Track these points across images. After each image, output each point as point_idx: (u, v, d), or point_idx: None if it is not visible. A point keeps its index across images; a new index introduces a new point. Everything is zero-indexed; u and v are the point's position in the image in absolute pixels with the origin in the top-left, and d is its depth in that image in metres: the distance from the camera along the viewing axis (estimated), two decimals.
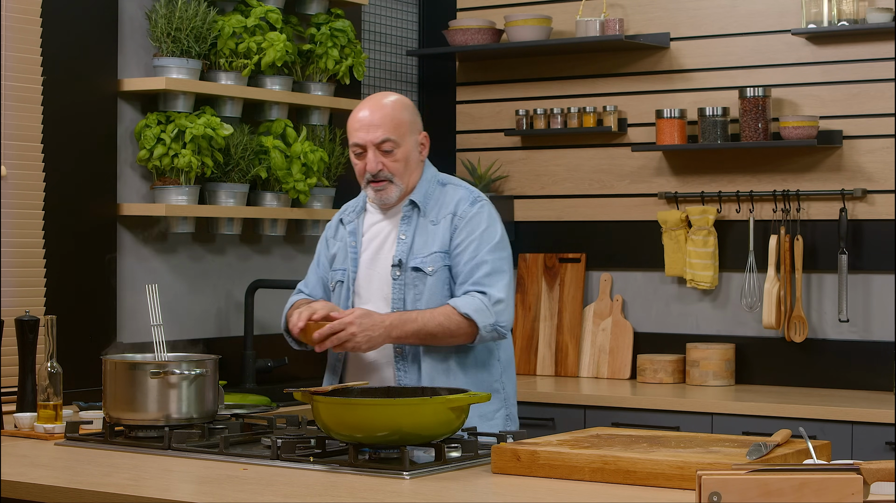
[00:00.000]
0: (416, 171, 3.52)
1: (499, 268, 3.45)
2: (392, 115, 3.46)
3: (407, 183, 3.50)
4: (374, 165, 3.45)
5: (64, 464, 3.03)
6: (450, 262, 3.46)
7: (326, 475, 2.80)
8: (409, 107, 3.53)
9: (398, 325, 3.36)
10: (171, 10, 4.44)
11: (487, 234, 3.46)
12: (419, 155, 3.53)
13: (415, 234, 3.48)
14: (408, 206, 3.51)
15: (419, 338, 3.38)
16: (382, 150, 3.45)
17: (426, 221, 3.49)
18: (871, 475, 2.25)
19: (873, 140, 4.86)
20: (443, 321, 3.37)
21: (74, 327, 4.19)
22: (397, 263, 3.47)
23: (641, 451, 2.70)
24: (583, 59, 5.39)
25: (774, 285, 4.91)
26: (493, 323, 3.40)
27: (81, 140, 4.31)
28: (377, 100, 3.52)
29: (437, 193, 3.53)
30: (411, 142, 3.49)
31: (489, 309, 3.40)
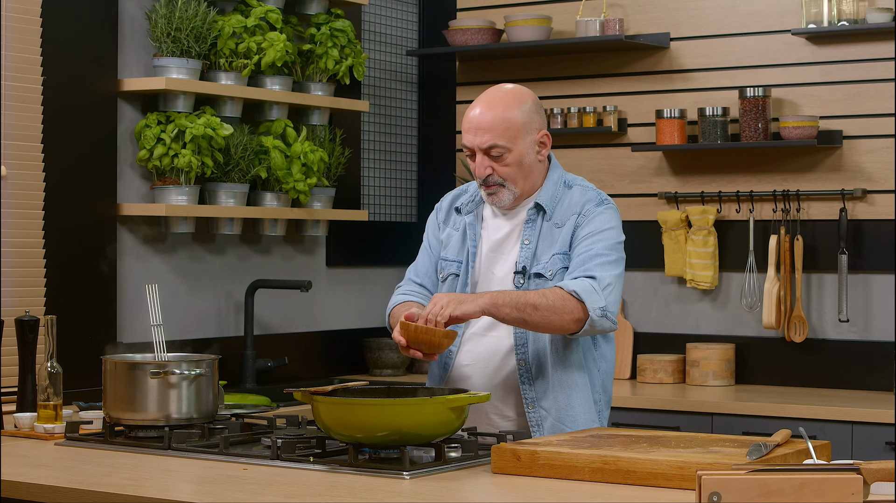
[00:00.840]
0: (535, 173, 3.32)
1: (612, 260, 3.24)
2: (503, 117, 3.25)
3: (522, 186, 3.30)
4: (483, 171, 3.27)
5: (64, 464, 3.03)
6: (568, 264, 3.28)
7: (326, 475, 2.80)
8: (526, 104, 3.29)
9: (492, 294, 3.17)
10: (171, 10, 4.44)
11: (607, 234, 3.27)
12: (536, 156, 3.31)
13: (539, 238, 3.31)
14: (532, 209, 3.33)
15: (517, 308, 3.13)
16: (491, 155, 3.26)
17: (550, 224, 3.32)
18: (871, 475, 2.25)
19: (873, 140, 4.86)
20: (547, 293, 3.15)
21: (74, 327, 4.19)
22: (521, 270, 3.31)
23: (641, 451, 2.70)
24: (583, 59, 5.39)
25: (774, 285, 4.91)
26: (603, 307, 3.17)
27: (81, 140, 4.31)
28: (490, 96, 3.30)
29: (563, 196, 3.35)
30: (525, 144, 3.27)
31: (598, 292, 3.17)
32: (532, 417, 3.30)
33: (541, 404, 3.30)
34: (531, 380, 3.31)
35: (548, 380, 3.31)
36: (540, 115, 3.33)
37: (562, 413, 3.31)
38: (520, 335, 3.31)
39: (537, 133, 3.31)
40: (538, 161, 3.33)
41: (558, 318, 3.15)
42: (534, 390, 3.31)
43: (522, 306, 3.14)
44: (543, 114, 3.36)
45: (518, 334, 3.31)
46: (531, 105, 3.31)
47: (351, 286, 5.37)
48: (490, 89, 3.35)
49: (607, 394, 3.43)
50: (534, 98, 3.34)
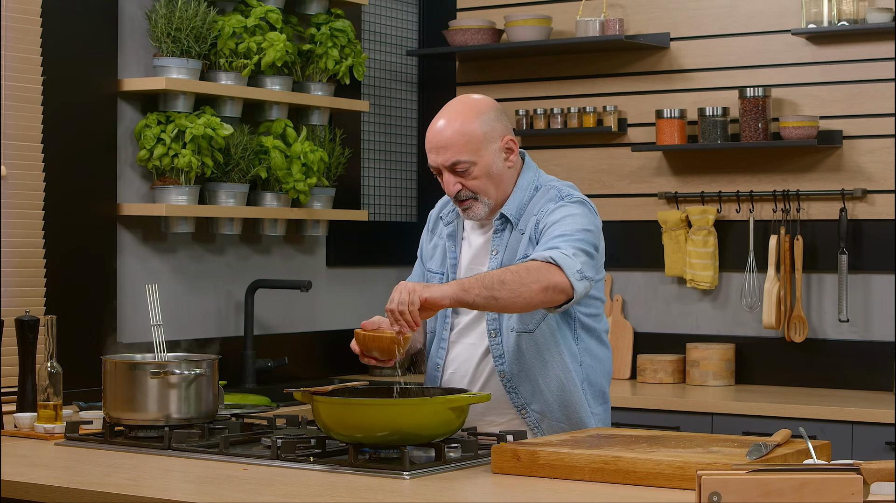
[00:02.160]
0: (506, 180, 3.26)
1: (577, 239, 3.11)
2: (462, 132, 3.18)
3: (495, 196, 3.24)
4: (452, 188, 3.21)
5: (64, 464, 3.03)
6: None
7: (326, 475, 2.80)
8: (484, 113, 3.22)
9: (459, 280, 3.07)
10: (171, 10, 4.44)
11: (567, 219, 3.15)
12: (504, 163, 3.24)
13: (506, 248, 3.26)
14: (499, 220, 3.27)
15: (485, 286, 2.97)
16: (457, 171, 3.19)
17: (517, 233, 3.26)
18: (871, 475, 2.25)
19: (873, 140, 4.86)
20: (511, 267, 3.02)
21: (74, 327, 4.19)
22: None
23: (641, 451, 2.70)
24: (583, 59, 5.39)
25: (774, 285, 4.91)
26: (579, 269, 3.05)
27: (81, 140, 4.31)
28: (448, 112, 3.23)
29: (530, 201, 3.27)
30: (489, 154, 3.20)
31: (570, 257, 3.05)
32: (528, 420, 3.30)
33: (531, 408, 3.30)
34: (515, 387, 3.30)
35: (533, 385, 3.29)
36: (502, 121, 3.26)
37: (556, 413, 3.30)
38: (496, 346, 3.28)
39: (501, 140, 3.24)
40: (507, 168, 3.26)
41: (527, 290, 2.98)
42: (521, 397, 3.29)
43: (490, 284, 2.97)
44: (506, 119, 3.29)
45: (494, 345, 3.28)
46: (490, 113, 3.23)
47: (351, 286, 5.37)
48: (449, 103, 3.28)
49: (594, 387, 3.34)
50: (493, 106, 3.27)
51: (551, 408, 3.29)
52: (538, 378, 3.28)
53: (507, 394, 3.30)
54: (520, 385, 3.29)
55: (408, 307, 2.93)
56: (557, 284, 3.01)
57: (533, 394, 3.29)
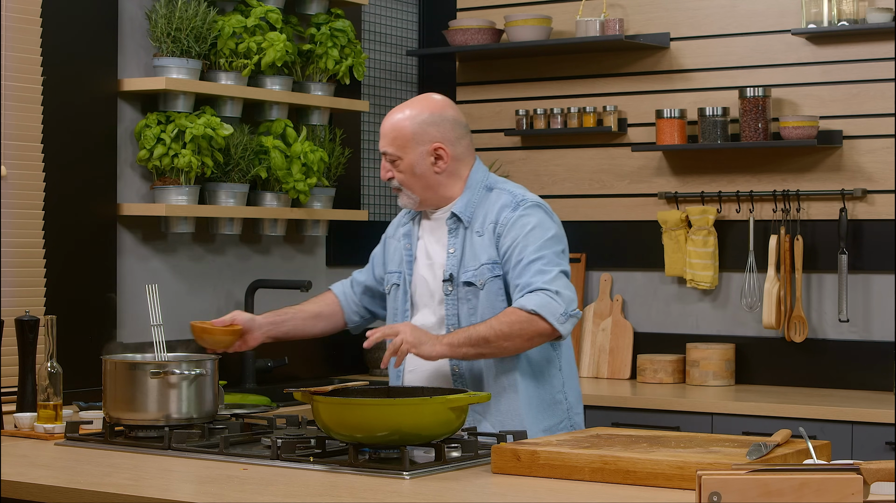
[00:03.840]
0: (440, 185, 3.38)
1: (548, 261, 3.27)
2: (394, 127, 3.36)
3: (422, 195, 3.38)
4: (383, 174, 3.40)
5: (64, 464, 3.03)
6: (501, 272, 3.32)
7: (326, 475, 2.80)
8: (422, 115, 3.37)
9: (449, 335, 3.25)
10: (171, 10, 4.44)
11: (533, 234, 3.29)
12: (432, 167, 3.36)
13: (463, 247, 3.35)
14: (451, 220, 3.39)
15: (471, 345, 3.21)
16: (388, 159, 3.38)
17: (472, 233, 3.36)
18: (871, 475, 2.25)
19: (873, 140, 4.86)
20: (493, 323, 3.21)
21: (74, 327, 4.19)
22: (448, 278, 3.35)
23: (641, 451, 2.70)
24: (583, 59, 5.39)
25: (774, 285, 4.91)
26: (563, 312, 3.22)
27: (81, 140, 4.31)
28: (398, 106, 3.42)
29: (482, 201, 3.38)
30: (415, 154, 3.34)
31: (553, 299, 3.22)
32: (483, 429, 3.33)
33: (474, 408, 3.33)
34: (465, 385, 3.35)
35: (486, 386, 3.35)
36: (438, 127, 3.37)
37: (503, 415, 3.33)
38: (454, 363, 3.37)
39: (430, 145, 3.35)
40: (434, 173, 3.37)
41: (511, 344, 3.22)
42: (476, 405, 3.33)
43: (476, 342, 3.21)
44: (446, 127, 3.38)
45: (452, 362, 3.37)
46: (427, 116, 3.37)
47: None
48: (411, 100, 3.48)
49: (575, 392, 3.47)
50: (436, 110, 3.38)
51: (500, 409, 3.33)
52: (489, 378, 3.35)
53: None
54: (468, 384, 3.36)
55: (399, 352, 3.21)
56: (542, 333, 3.23)
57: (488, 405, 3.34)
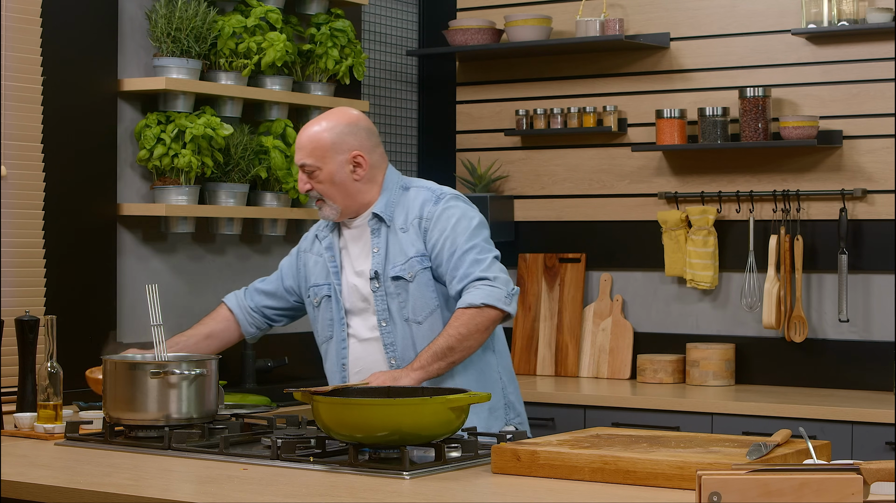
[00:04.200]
0: (359, 192, 3.49)
1: (481, 248, 3.43)
2: (312, 138, 3.45)
3: (343, 203, 3.48)
4: (302, 186, 3.49)
5: (64, 464, 3.03)
6: (430, 265, 3.45)
7: (326, 475, 2.80)
8: (339, 126, 3.47)
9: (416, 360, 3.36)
10: (171, 10, 4.44)
11: (460, 225, 3.44)
12: (351, 174, 3.47)
13: (387, 244, 3.48)
14: (373, 220, 3.50)
15: (440, 358, 3.35)
16: (306, 171, 3.47)
17: (395, 230, 3.48)
18: (871, 475, 2.25)
19: (873, 140, 4.86)
20: (450, 330, 3.36)
21: (74, 327, 4.19)
22: (374, 276, 3.46)
23: (641, 451, 2.70)
24: (583, 59, 5.39)
25: (774, 285, 4.91)
26: (507, 293, 3.38)
27: (81, 140, 4.31)
28: (316, 118, 3.51)
29: (401, 200, 3.51)
30: (334, 164, 3.44)
31: (495, 285, 3.37)
32: None
33: None
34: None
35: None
36: (355, 136, 3.48)
37: None
38: (387, 334, 3.47)
39: (349, 154, 3.46)
40: (353, 180, 3.47)
41: (474, 341, 3.37)
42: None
43: (442, 355, 3.34)
44: (362, 136, 3.49)
45: (385, 334, 3.47)
46: (344, 127, 3.47)
47: None
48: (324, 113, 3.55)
49: (509, 374, 3.60)
50: (351, 121, 3.49)
51: None
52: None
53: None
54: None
55: None
56: (495, 319, 3.39)
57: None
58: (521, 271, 5.45)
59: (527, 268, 5.44)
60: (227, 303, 3.78)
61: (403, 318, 3.46)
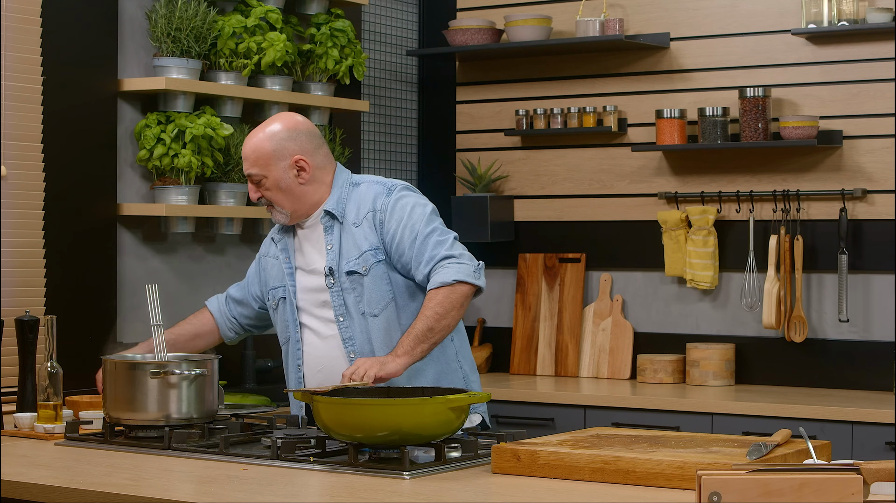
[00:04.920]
0: (305, 195, 3.51)
1: (440, 230, 3.47)
2: (254, 148, 3.48)
3: (292, 207, 3.50)
4: (253, 194, 3.52)
5: (64, 464, 3.03)
6: (385, 257, 3.48)
7: (326, 475, 2.80)
8: (278, 133, 3.50)
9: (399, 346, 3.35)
10: (171, 10, 4.44)
11: (416, 212, 3.47)
12: (296, 178, 3.49)
13: (340, 240, 3.50)
14: (325, 218, 3.53)
15: (422, 340, 3.34)
16: (254, 181, 3.50)
17: (347, 225, 3.51)
18: (871, 475, 2.25)
19: (873, 140, 4.86)
20: (426, 311, 3.37)
21: (74, 327, 4.19)
22: (329, 272, 3.48)
23: (641, 451, 2.70)
24: (583, 59, 5.39)
25: (774, 285, 4.91)
26: (474, 268, 3.42)
27: (81, 140, 4.31)
28: (257, 129, 3.53)
29: (352, 195, 3.54)
30: (278, 170, 3.47)
31: (462, 261, 3.42)
32: None
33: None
34: None
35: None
36: (295, 141, 3.51)
37: None
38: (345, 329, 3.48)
39: (290, 159, 3.49)
40: (299, 184, 3.51)
41: (451, 318, 3.38)
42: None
43: (423, 336, 3.34)
44: (303, 140, 3.52)
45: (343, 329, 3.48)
46: (284, 133, 3.50)
47: None
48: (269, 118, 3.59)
49: (469, 360, 3.61)
50: (290, 126, 3.52)
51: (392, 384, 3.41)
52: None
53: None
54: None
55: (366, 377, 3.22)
56: (468, 294, 3.41)
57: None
58: (521, 271, 5.45)
59: (527, 268, 5.44)
60: (210, 308, 3.81)
61: (360, 313, 3.47)
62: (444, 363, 3.54)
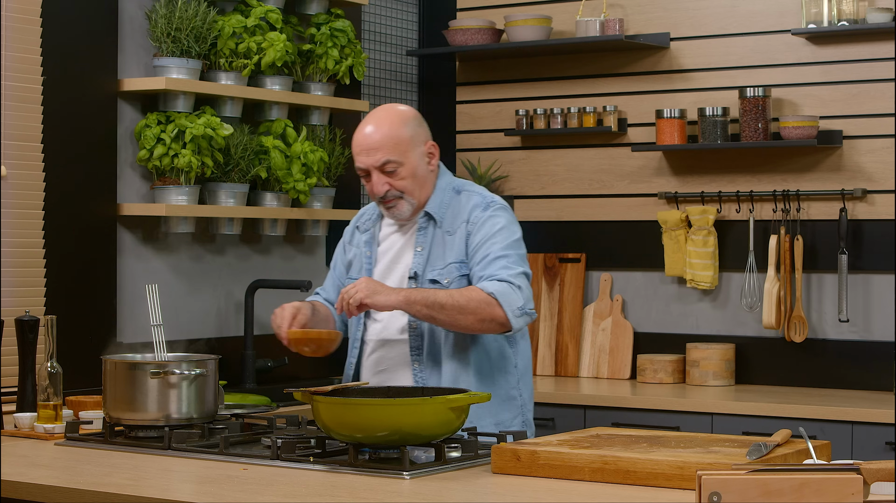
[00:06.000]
0: (428, 183, 3.45)
1: (514, 260, 3.35)
2: (390, 134, 3.39)
3: (419, 197, 3.43)
4: (381, 188, 3.41)
5: (64, 464, 3.03)
6: (467, 271, 3.38)
7: (326, 475, 2.80)
8: (410, 119, 3.45)
9: (407, 290, 3.28)
10: (171, 10, 4.44)
11: (500, 236, 3.38)
12: (427, 166, 3.44)
13: (431, 245, 3.42)
14: (423, 218, 3.45)
15: (427, 305, 3.24)
16: (385, 171, 3.39)
17: (442, 232, 3.43)
18: (871, 475, 2.25)
19: (873, 140, 4.86)
20: (455, 294, 3.26)
21: (74, 327, 4.19)
22: (413, 276, 3.41)
23: (641, 451, 2.70)
24: (583, 59, 5.39)
25: (774, 285, 4.91)
26: (521, 306, 3.28)
27: (81, 140, 4.31)
28: (376, 117, 3.45)
29: (452, 202, 3.46)
30: (415, 156, 3.41)
31: (515, 291, 3.28)
32: None
33: None
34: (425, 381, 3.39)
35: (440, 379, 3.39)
36: (424, 128, 3.49)
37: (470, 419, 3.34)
38: (415, 337, 3.41)
39: (424, 145, 3.46)
40: (429, 171, 3.46)
41: (463, 318, 3.26)
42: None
43: (431, 304, 3.25)
44: (427, 127, 3.50)
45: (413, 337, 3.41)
46: (414, 120, 3.47)
47: None
48: (374, 111, 3.50)
49: (528, 389, 3.55)
50: (415, 114, 3.50)
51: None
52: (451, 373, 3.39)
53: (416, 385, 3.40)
54: (428, 379, 3.40)
55: (349, 301, 3.24)
56: (495, 318, 3.27)
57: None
58: None
59: None
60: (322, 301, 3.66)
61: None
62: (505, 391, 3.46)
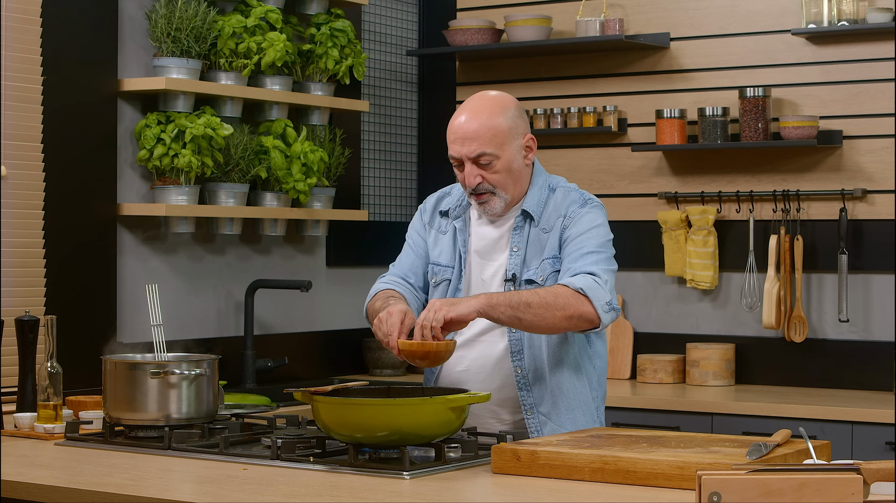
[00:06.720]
0: (523, 178, 3.29)
1: (605, 257, 3.24)
2: (488, 125, 3.20)
3: (512, 192, 3.27)
4: (473, 180, 3.23)
5: (64, 464, 3.03)
6: (560, 266, 3.26)
7: (326, 475, 2.80)
8: (510, 110, 3.25)
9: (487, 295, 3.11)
10: (171, 10, 4.44)
11: (595, 232, 3.26)
12: (524, 160, 3.27)
13: (528, 245, 3.29)
14: (520, 217, 3.30)
15: (511, 307, 3.07)
16: (480, 163, 3.21)
17: (538, 231, 3.29)
18: (871, 475, 2.25)
19: (873, 140, 4.86)
20: (540, 291, 3.11)
21: (74, 327, 4.19)
22: (511, 278, 3.28)
23: (641, 451, 2.70)
24: (583, 59, 5.39)
25: (774, 285, 4.91)
26: (609, 301, 3.15)
27: (81, 140, 4.31)
28: (474, 105, 3.25)
29: (549, 200, 3.31)
30: (512, 149, 3.24)
31: (602, 286, 3.15)
32: (531, 423, 3.30)
33: (539, 409, 3.30)
34: (528, 386, 3.30)
35: (545, 386, 3.30)
36: (524, 119, 3.30)
37: (562, 417, 3.31)
38: (515, 342, 3.30)
39: (523, 138, 3.28)
40: (525, 166, 3.30)
41: (551, 316, 3.09)
42: (532, 396, 3.30)
43: (516, 304, 3.08)
44: (526, 118, 3.33)
45: (513, 341, 3.30)
46: (514, 111, 3.27)
47: (351, 286, 5.37)
48: (472, 97, 3.31)
49: (602, 389, 3.42)
50: (516, 104, 3.30)
51: (558, 410, 3.30)
52: (553, 380, 3.30)
53: (519, 391, 3.31)
54: (534, 384, 3.30)
55: (431, 324, 3.04)
56: (584, 314, 3.12)
57: (543, 395, 3.31)
58: None
59: None
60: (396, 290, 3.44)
61: None
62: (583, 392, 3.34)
